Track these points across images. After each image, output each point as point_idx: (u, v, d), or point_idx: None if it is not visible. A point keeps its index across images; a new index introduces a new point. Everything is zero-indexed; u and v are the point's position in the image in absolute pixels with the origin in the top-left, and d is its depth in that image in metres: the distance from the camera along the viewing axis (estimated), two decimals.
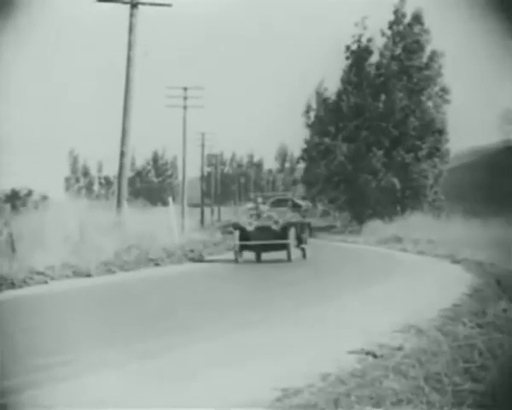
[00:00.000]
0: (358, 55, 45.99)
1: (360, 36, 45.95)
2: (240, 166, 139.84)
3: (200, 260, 19.47)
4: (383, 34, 45.40)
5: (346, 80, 46.52)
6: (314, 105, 61.48)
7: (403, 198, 43.93)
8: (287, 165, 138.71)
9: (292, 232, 17.36)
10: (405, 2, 44.98)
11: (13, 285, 11.62)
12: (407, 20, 44.85)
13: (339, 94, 47.04)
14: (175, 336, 6.96)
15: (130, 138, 23.53)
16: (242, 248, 17.56)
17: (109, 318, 8.55)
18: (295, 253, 17.63)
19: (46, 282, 12.54)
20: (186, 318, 8.42)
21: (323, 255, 22.80)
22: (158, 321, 8.13)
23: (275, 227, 17.31)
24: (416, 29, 44.39)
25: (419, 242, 26.02)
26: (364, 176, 43.81)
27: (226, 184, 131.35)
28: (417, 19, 44.46)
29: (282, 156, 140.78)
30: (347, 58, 46.49)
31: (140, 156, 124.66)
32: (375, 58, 46.02)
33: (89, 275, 13.95)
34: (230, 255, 18.51)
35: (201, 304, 9.91)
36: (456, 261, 18.13)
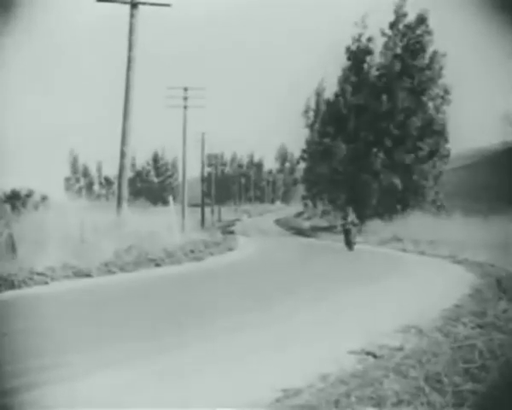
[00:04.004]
0: (358, 56, 45.97)
1: (360, 35, 45.94)
2: (240, 166, 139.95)
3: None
4: (383, 34, 45.38)
5: (346, 81, 46.50)
6: (313, 105, 61.62)
7: (403, 198, 43.91)
8: (287, 165, 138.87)
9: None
10: (406, 2, 44.94)
11: (13, 286, 11.61)
12: (409, 20, 44.78)
13: (338, 94, 47.04)
14: None
15: (131, 138, 23.53)
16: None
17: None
18: None
19: (46, 282, 12.53)
20: None
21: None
22: None
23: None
24: (420, 30, 44.37)
25: (419, 242, 26.00)
26: (365, 176, 43.79)
27: (226, 184, 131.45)
28: (422, 20, 44.40)
29: (283, 156, 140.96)
30: (349, 59, 46.47)
31: (140, 156, 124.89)
32: (376, 58, 45.99)
33: (89, 275, 13.95)
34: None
35: None
36: (456, 262, 18.15)
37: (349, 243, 24.77)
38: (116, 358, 6.08)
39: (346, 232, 25.04)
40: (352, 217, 25.18)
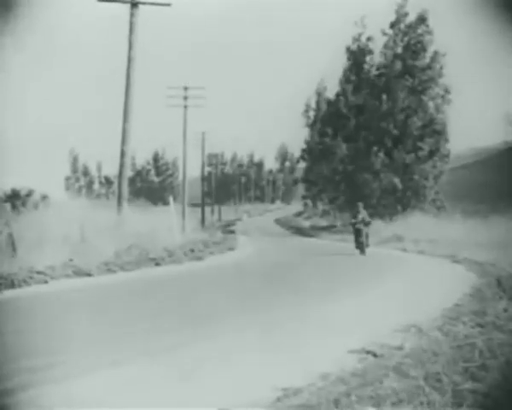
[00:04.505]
0: (358, 55, 45.96)
1: (360, 35, 45.90)
2: (240, 165, 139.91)
3: None
4: (384, 34, 45.34)
5: (346, 80, 46.48)
6: (313, 105, 61.61)
7: (403, 198, 43.90)
8: (287, 164, 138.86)
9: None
10: (407, 1, 44.89)
11: (13, 285, 11.61)
12: (410, 19, 44.72)
13: (339, 94, 47.03)
14: None
15: (131, 138, 23.55)
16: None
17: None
18: None
19: (46, 281, 12.53)
20: None
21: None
22: None
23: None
24: (420, 30, 44.35)
25: (419, 241, 25.99)
26: (365, 176, 43.78)
27: (227, 183, 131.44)
28: (422, 19, 44.38)
29: (283, 156, 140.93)
30: (349, 59, 46.44)
31: (140, 156, 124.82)
32: (376, 58, 45.98)
33: (89, 274, 13.94)
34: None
35: None
36: (456, 261, 18.14)
37: (360, 245, 21.47)
38: (116, 357, 6.07)
39: (357, 232, 21.67)
40: (363, 214, 21.86)
